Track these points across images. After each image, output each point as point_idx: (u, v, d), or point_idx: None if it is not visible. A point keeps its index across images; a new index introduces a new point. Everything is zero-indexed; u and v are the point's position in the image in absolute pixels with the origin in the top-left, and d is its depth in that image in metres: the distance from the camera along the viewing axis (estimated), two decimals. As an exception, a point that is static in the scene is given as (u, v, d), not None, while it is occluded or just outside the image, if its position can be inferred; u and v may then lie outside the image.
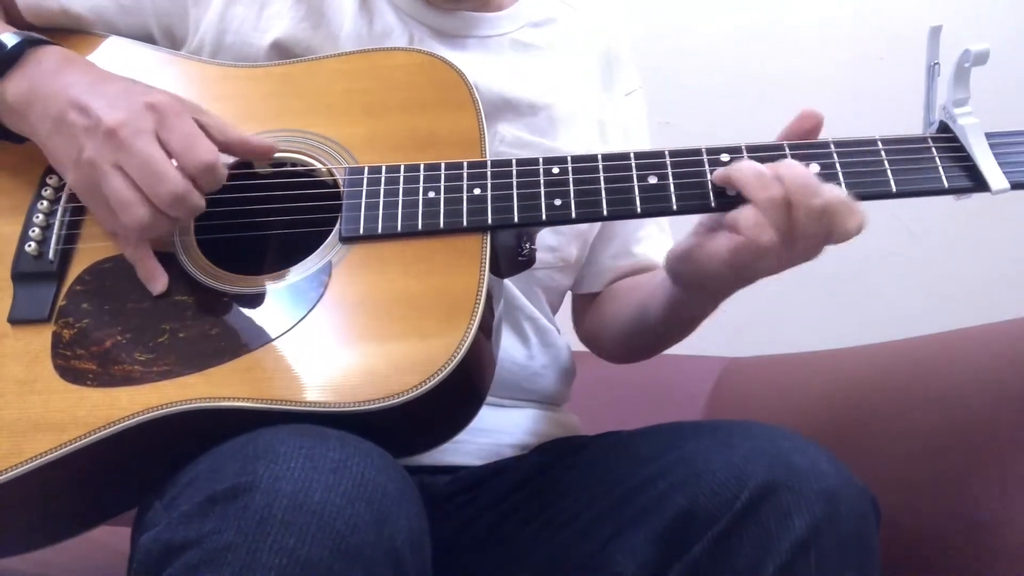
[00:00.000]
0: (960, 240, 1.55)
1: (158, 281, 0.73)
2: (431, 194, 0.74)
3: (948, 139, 0.74)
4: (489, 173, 0.75)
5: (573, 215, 0.74)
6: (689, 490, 0.67)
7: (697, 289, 0.80)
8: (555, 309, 1.02)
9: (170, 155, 0.70)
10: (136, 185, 0.70)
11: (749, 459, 0.67)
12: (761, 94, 1.61)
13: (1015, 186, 0.72)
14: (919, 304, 1.56)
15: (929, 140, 0.74)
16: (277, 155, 0.79)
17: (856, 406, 1.05)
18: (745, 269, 0.72)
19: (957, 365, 0.94)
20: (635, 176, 0.74)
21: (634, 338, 0.97)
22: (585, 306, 1.05)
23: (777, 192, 0.69)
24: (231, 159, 0.77)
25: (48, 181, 0.79)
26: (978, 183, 0.72)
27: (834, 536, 0.64)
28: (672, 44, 1.66)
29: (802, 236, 0.70)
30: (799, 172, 0.70)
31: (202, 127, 0.72)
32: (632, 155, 0.75)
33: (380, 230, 0.74)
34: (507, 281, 0.91)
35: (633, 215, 0.74)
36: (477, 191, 0.74)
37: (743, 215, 0.70)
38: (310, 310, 0.71)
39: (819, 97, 1.54)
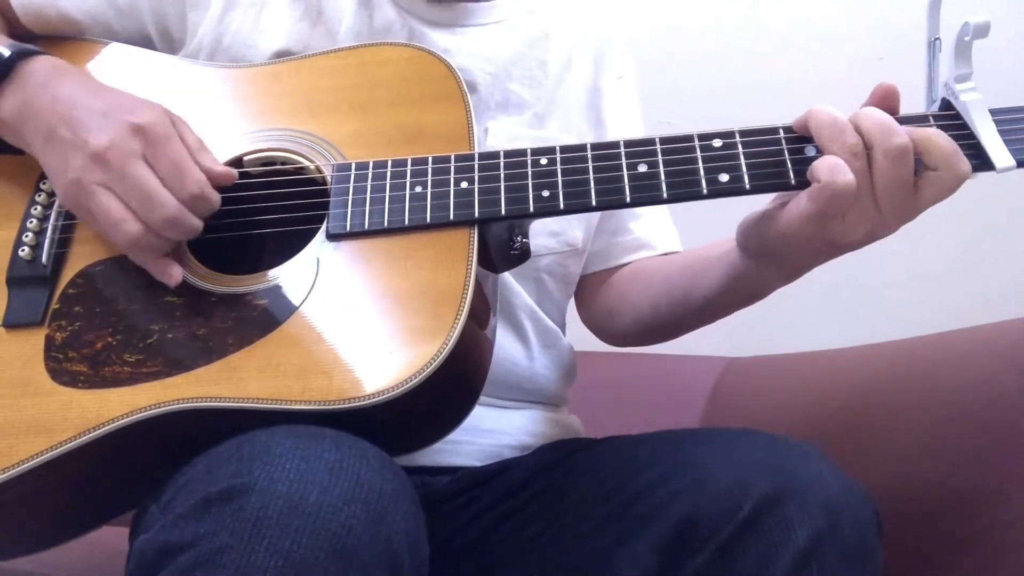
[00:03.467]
0: (960, 240, 1.55)
1: (172, 276, 0.73)
2: (418, 189, 0.74)
3: (950, 116, 0.71)
4: (476, 166, 0.75)
5: (561, 206, 0.73)
6: (692, 498, 0.67)
7: (771, 259, 0.75)
8: (568, 300, 1.02)
9: (160, 182, 0.71)
10: (127, 203, 0.70)
11: (752, 468, 0.67)
12: (761, 94, 1.61)
13: (1021, 163, 0.69)
14: (919, 304, 1.56)
15: (931, 118, 0.71)
16: (268, 153, 0.79)
17: (856, 406, 1.04)
18: (828, 222, 0.68)
19: (957, 365, 0.94)
20: (624, 165, 0.73)
21: (667, 319, 0.94)
22: (593, 288, 1.03)
23: (852, 139, 0.67)
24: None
25: (42, 186, 0.79)
26: (982, 161, 0.69)
27: (836, 547, 0.64)
28: (672, 44, 1.65)
29: (885, 182, 0.66)
30: (877, 115, 0.67)
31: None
32: (622, 143, 0.74)
33: (367, 226, 0.73)
34: (511, 277, 0.91)
35: (622, 204, 0.73)
36: (464, 184, 0.74)
37: (818, 162, 0.67)
38: (297, 308, 0.70)
39: (819, 97, 1.52)
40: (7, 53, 0.76)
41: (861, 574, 0.65)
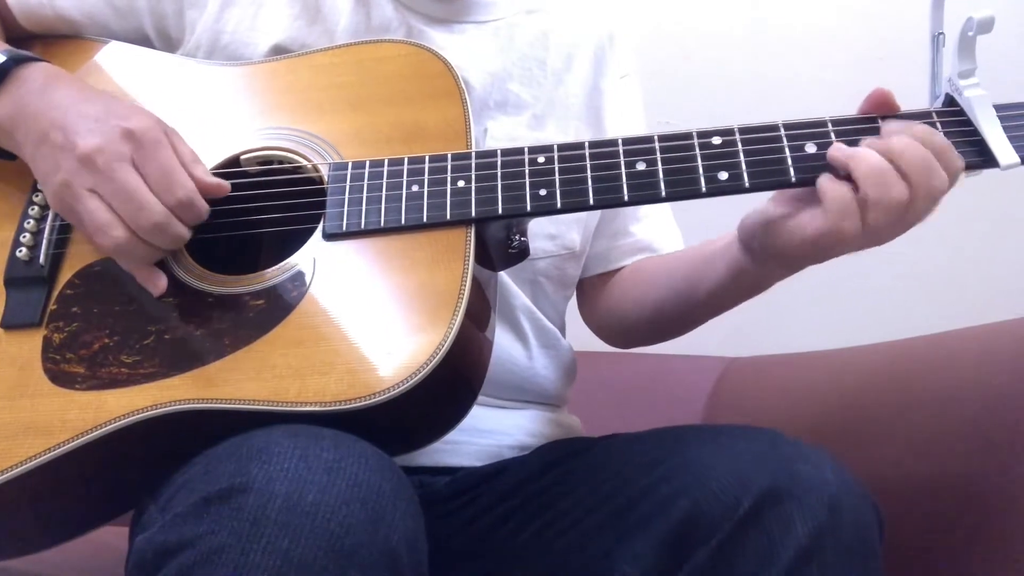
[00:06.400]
0: (960, 240, 1.55)
1: (157, 285, 0.73)
2: (414, 188, 0.74)
3: (954, 113, 0.71)
4: (473, 165, 0.74)
5: (559, 205, 0.72)
6: (692, 496, 0.67)
7: (774, 260, 0.75)
8: (567, 302, 1.02)
9: (148, 187, 0.70)
10: (113, 209, 0.70)
11: (752, 465, 0.66)
12: (761, 94, 1.61)
13: None
14: (919, 304, 1.56)
15: (934, 115, 0.71)
16: (265, 152, 0.79)
17: (856, 406, 1.04)
18: (830, 251, 0.69)
19: (957, 365, 0.94)
20: (623, 163, 0.72)
21: (672, 316, 0.94)
22: (595, 290, 1.03)
23: (900, 194, 0.66)
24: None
25: (39, 188, 0.79)
26: (986, 158, 0.68)
27: (837, 544, 0.64)
28: (672, 44, 1.66)
29: (912, 215, 0.67)
30: (919, 151, 0.66)
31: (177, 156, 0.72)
32: (620, 141, 0.73)
33: (363, 226, 0.73)
34: (508, 278, 0.91)
35: (620, 203, 0.72)
36: (461, 183, 0.73)
37: (829, 199, 0.67)
38: (293, 309, 0.70)
39: (819, 97, 1.54)
40: (2, 59, 0.76)
41: (862, 572, 0.65)
